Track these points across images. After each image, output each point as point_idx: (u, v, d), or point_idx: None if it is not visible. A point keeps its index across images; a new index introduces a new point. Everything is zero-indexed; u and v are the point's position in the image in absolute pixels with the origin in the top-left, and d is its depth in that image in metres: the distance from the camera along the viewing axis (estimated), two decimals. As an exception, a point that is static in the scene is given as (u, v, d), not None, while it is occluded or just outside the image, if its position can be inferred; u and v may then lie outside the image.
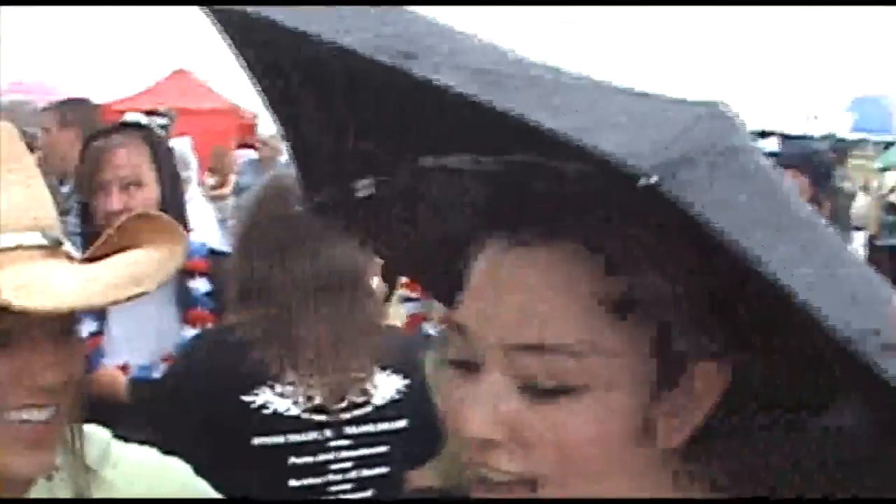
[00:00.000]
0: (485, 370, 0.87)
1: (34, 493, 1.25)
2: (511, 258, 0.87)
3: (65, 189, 5.65)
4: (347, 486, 2.13)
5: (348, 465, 2.20)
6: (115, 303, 1.14)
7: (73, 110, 4.65)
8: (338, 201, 1.24)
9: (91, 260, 1.21)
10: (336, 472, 2.17)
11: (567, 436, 0.84)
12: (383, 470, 2.24)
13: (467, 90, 0.77)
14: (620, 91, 0.80)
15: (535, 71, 0.83)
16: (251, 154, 10.83)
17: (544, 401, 0.84)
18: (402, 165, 1.15)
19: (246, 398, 2.13)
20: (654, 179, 0.69)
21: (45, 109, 4.83)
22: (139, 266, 1.18)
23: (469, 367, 0.88)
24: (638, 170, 0.69)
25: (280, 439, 2.17)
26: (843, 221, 11.05)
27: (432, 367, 2.43)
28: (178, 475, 1.43)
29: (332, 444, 2.20)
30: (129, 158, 3.02)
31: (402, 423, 2.25)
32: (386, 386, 2.24)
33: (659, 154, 0.71)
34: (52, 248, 1.16)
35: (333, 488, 2.19)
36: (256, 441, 2.13)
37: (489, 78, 0.79)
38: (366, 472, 2.24)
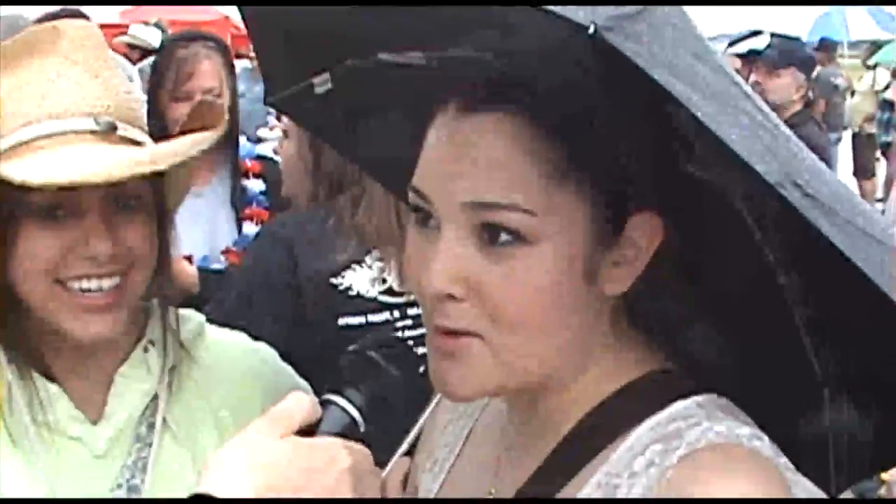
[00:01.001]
0: (443, 229, 0.96)
1: (131, 362, 1.35)
2: (463, 124, 0.96)
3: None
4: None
5: (410, 343, 2.30)
6: (129, 178, 1.18)
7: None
8: (298, 98, 1.35)
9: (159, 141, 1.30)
10: None
11: (523, 283, 0.93)
12: None
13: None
14: None
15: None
16: (245, 64, 10.76)
17: (500, 253, 0.93)
18: (358, 61, 1.25)
19: (335, 280, 2.25)
20: (593, 28, 0.77)
21: (37, 21, 4.83)
22: (169, 146, 1.27)
23: (429, 227, 0.98)
24: (587, 19, 0.78)
25: (361, 319, 2.28)
26: (835, 118, 11.10)
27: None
28: (267, 360, 1.52)
29: (398, 323, 2.31)
30: (212, 69, 3.17)
31: None
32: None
33: (611, 10, 0.79)
34: (105, 132, 1.24)
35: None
36: (341, 321, 2.25)
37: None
38: (421, 350, 2.30)
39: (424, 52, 1.10)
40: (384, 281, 2.31)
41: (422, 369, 1.03)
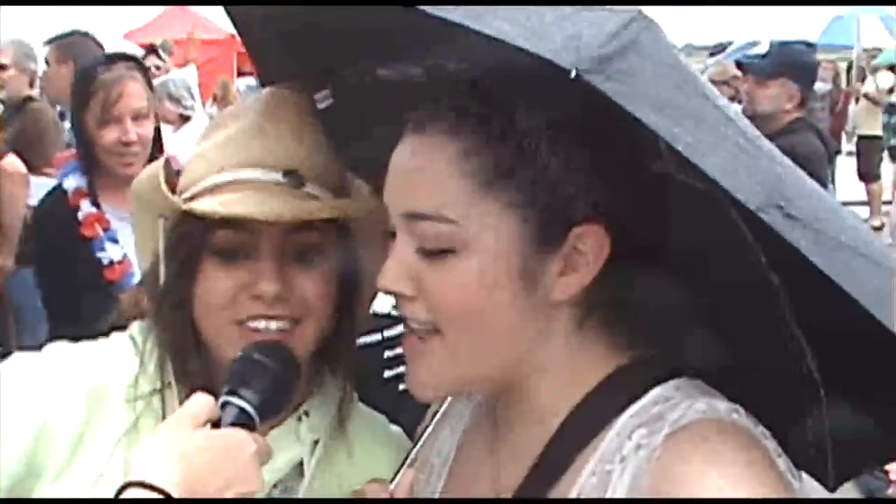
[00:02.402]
0: (397, 236, 1.07)
1: (283, 428, 1.34)
2: (411, 142, 1.06)
3: (67, 124, 5.76)
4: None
5: None
6: (294, 221, 1.25)
7: (69, 45, 4.70)
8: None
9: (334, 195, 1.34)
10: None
11: (455, 287, 1.03)
12: None
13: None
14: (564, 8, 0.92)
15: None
16: (250, 81, 10.86)
17: (435, 259, 1.03)
18: (355, 76, 1.30)
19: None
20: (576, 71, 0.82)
21: (45, 44, 4.89)
22: (344, 201, 1.33)
23: (394, 236, 1.08)
24: (569, 62, 0.82)
25: (378, 336, 2.28)
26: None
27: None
28: (403, 446, 1.45)
29: None
30: (139, 90, 3.12)
31: None
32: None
33: (593, 50, 0.83)
34: (291, 186, 1.29)
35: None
36: (360, 340, 2.26)
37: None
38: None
39: (419, 68, 1.15)
40: None
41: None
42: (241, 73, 11.98)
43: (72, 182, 3.14)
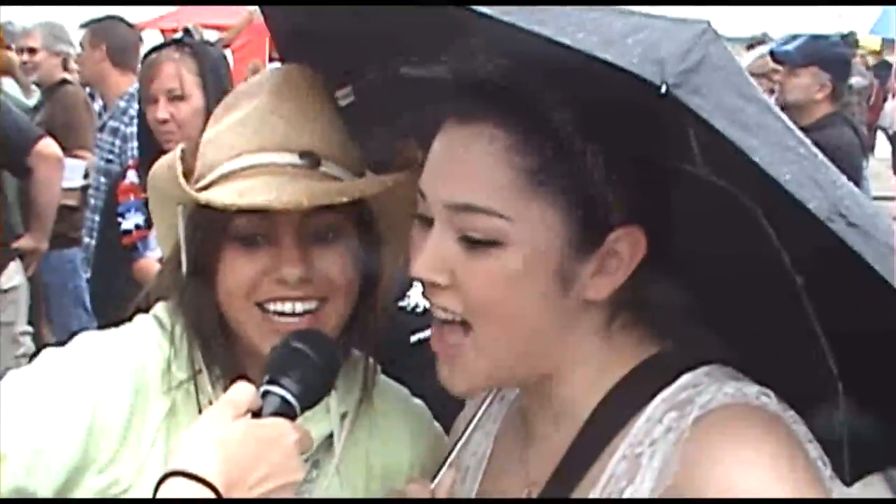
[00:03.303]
0: (434, 225, 1.06)
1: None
2: (458, 133, 1.06)
3: (97, 105, 5.80)
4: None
5: None
6: (329, 205, 1.24)
7: (103, 29, 4.73)
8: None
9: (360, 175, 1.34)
10: None
11: (491, 280, 1.03)
12: None
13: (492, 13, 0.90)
14: (627, 13, 0.92)
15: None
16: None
17: (478, 250, 1.03)
18: (382, 73, 1.30)
19: (402, 303, 2.26)
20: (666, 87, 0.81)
21: (82, 27, 4.92)
22: (362, 182, 1.32)
23: (428, 223, 1.08)
24: (658, 77, 0.82)
25: (429, 332, 2.29)
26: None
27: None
28: (424, 416, 1.52)
29: None
30: (176, 71, 3.25)
31: None
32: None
33: (676, 65, 0.83)
34: (307, 167, 1.29)
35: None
36: (413, 338, 2.23)
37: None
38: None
39: (445, 65, 1.14)
40: None
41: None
42: (271, 59, 12.00)
43: (131, 222, 3.27)
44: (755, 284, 1.04)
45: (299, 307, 1.28)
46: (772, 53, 5.26)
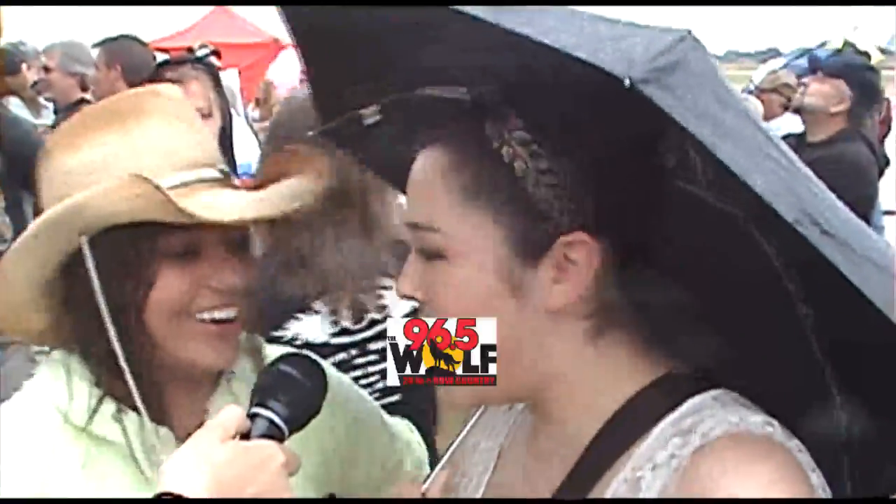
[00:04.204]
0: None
1: (219, 392, 1.43)
2: (420, 157, 1.14)
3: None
4: (377, 395, 2.13)
5: (375, 377, 2.31)
6: (283, 215, 1.33)
7: (118, 48, 4.75)
8: (347, 127, 1.41)
9: (254, 189, 1.41)
10: (365, 385, 2.21)
11: (450, 294, 1.09)
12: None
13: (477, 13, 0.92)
14: (614, 22, 0.94)
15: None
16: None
17: (432, 264, 1.10)
18: (397, 96, 1.31)
19: (276, 333, 2.18)
20: (630, 81, 0.83)
21: (94, 46, 4.94)
22: (295, 187, 1.39)
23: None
24: (624, 72, 0.83)
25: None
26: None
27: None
28: (345, 391, 1.61)
29: (359, 360, 2.30)
30: (201, 90, 3.23)
31: None
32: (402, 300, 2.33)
33: (647, 63, 0.85)
34: (224, 179, 1.37)
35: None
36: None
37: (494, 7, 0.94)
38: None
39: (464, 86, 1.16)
40: (336, 323, 2.27)
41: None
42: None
43: None
44: (747, 291, 1.05)
45: (231, 314, 1.34)
46: (811, 59, 5.35)
